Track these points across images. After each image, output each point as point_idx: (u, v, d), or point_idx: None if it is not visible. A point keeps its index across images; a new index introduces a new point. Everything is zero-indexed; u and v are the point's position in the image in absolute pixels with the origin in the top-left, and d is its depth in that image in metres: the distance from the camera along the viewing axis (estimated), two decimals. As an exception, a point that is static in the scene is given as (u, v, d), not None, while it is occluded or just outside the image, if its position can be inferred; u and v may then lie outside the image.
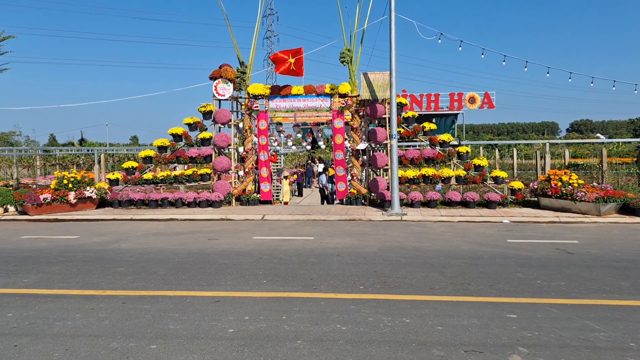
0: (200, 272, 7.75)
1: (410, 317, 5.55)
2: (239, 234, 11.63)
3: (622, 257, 8.65)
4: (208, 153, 16.73)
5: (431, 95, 52.70)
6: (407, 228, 12.34)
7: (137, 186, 17.14)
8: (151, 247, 10.04)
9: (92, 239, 11.14)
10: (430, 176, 16.02)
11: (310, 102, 16.45)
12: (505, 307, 5.89)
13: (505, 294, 6.47)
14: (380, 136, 15.88)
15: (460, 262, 8.34)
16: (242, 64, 16.66)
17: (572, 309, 5.80)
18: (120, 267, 8.21)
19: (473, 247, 9.79)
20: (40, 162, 40.31)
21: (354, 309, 5.85)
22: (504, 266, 8.05)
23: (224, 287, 6.86)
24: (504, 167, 39.70)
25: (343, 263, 8.33)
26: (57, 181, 15.78)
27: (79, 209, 15.81)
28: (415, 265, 8.18)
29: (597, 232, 11.61)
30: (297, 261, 8.54)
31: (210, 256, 9.02)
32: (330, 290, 6.67)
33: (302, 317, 5.57)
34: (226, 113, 16.61)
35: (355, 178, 16.65)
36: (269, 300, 6.23)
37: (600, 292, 6.52)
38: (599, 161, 23.26)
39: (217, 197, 16.00)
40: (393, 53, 14.38)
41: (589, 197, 13.80)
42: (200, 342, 4.88)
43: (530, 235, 11.19)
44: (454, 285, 6.92)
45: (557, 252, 9.24)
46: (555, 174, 15.12)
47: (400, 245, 9.95)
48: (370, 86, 15.97)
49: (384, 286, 6.88)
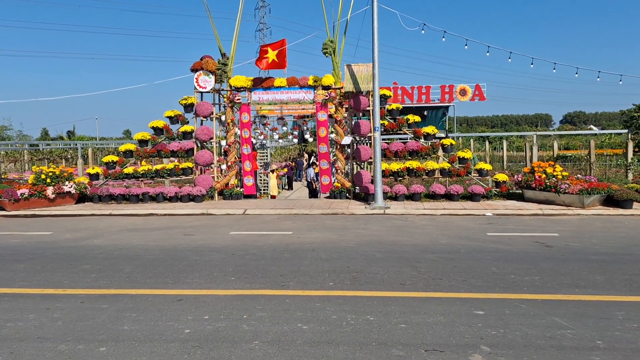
0: (169, 270, 7.56)
1: (375, 315, 5.38)
2: (216, 229, 11.43)
3: (600, 251, 8.53)
4: (190, 147, 16.48)
5: (422, 87, 52.41)
6: (388, 222, 12.18)
7: (118, 180, 16.88)
8: (124, 243, 9.83)
9: (66, 235, 10.90)
10: (414, 169, 15.86)
11: (293, 95, 16.21)
12: (474, 303, 5.73)
13: (476, 289, 6.32)
14: (364, 129, 15.69)
15: (436, 257, 8.19)
16: (223, 55, 16.38)
17: (542, 305, 5.65)
18: (87, 264, 8.00)
19: (452, 240, 9.64)
20: (28, 156, 39.92)
21: (319, 307, 5.68)
22: (479, 260, 7.90)
23: (190, 285, 6.67)
24: (494, 159, 39.69)
25: (317, 259, 8.15)
26: (35, 176, 15.49)
27: (57, 204, 15.54)
28: (390, 260, 8.01)
29: (579, 224, 11.49)
30: (270, 257, 8.35)
31: (183, 252, 8.82)
32: (299, 287, 6.49)
33: (263, 316, 5.39)
34: (208, 106, 16.35)
35: (340, 171, 16.46)
36: (233, 299, 6.05)
37: (573, 286, 6.38)
38: (587, 153, 23.22)
39: (199, 191, 15.77)
40: (376, 44, 14.16)
41: (573, 189, 13.69)
42: (152, 344, 4.69)
43: (511, 228, 11.05)
44: (425, 280, 6.76)
45: (536, 245, 9.10)
46: (540, 166, 15.00)
47: (379, 240, 9.78)
48: (354, 78, 15.75)
49: (354, 282, 6.71)
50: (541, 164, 15.12)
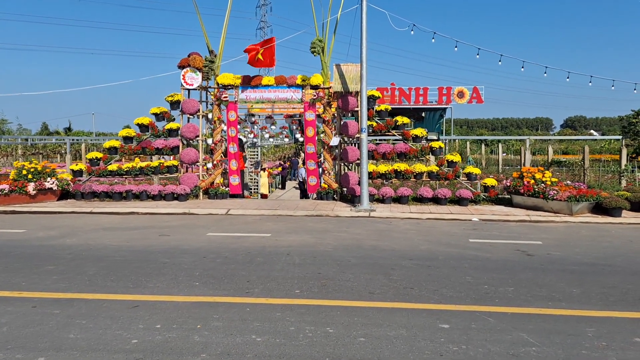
0: (134, 272, 7.32)
1: (335, 327, 5.15)
2: (194, 229, 11.19)
3: (582, 261, 8.30)
4: (175, 144, 16.24)
5: (420, 89, 52.27)
6: (371, 225, 11.94)
7: (102, 177, 16.62)
8: (96, 243, 9.58)
9: (39, 233, 10.66)
10: (402, 171, 15.62)
11: (281, 94, 15.97)
12: (441, 316, 5.50)
13: (446, 300, 6.08)
14: (352, 129, 15.45)
15: (413, 264, 7.95)
16: (211, 52, 16.14)
17: (511, 319, 5.42)
18: (52, 265, 7.76)
19: (432, 246, 9.41)
20: (22, 151, 39.61)
21: (279, 317, 5.44)
22: (456, 269, 7.67)
23: (151, 290, 6.43)
24: (490, 163, 39.45)
25: (289, 263, 7.91)
26: (16, 171, 15.24)
27: (39, 201, 15.29)
28: (364, 266, 7.78)
29: (564, 232, 11.27)
30: (242, 260, 8.12)
31: (153, 254, 8.58)
32: (263, 295, 6.26)
33: (218, 326, 5.15)
34: (194, 103, 16.10)
35: (327, 172, 16.22)
36: (192, 306, 5.81)
37: (547, 299, 6.15)
38: (580, 158, 22.96)
39: (183, 190, 15.53)
40: (364, 44, 13.93)
41: (561, 196, 13.46)
42: (94, 354, 4.46)
43: (495, 234, 10.82)
44: (396, 289, 6.53)
45: (517, 253, 8.88)
46: (528, 171, 14.77)
47: (358, 244, 9.55)
48: (343, 78, 15.52)
49: (321, 290, 6.47)
50: (530, 169, 14.89)
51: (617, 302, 6.07)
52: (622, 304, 5.99)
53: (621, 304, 5.97)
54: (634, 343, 4.79)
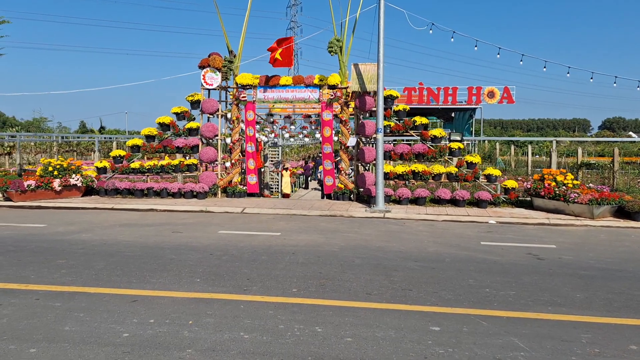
0: (140, 268, 7.48)
1: (324, 326, 5.17)
2: (207, 227, 11.35)
3: (593, 265, 8.08)
4: (195, 143, 16.49)
5: (449, 88, 51.61)
6: (384, 226, 11.89)
7: (125, 175, 17.02)
8: (110, 238, 9.83)
9: (58, 228, 10.99)
10: (420, 172, 15.48)
11: (298, 93, 16.04)
12: (433, 318, 5.45)
13: (443, 302, 6.02)
14: (369, 130, 15.40)
15: (417, 265, 7.89)
16: (230, 52, 16.33)
17: (505, 323, 5.33)
18: (64, 259, 8.00)
19: (441, 248, 9.31)
20: (57, 148, 40.88)
21: (271, 315, 5.49)
22: (460, 271, 7.57)
23: (152, 285, 6.57)
24: (520, 164, 38.69)
25: (293, 262, 7.96)
26: (43, 168, 15.75)
27: (64, 197, 15.76)
28: (367, 266, 7.76)
29: (582, 236, 10.99)
30: (247, 259, 8.20)
31: (163, 250, 8.75)
32: (260, 292, 6.32)
33: (209, 322, 5.23)
34: (214, 103, 16.32)
35: (344, 172, 16.21)
36: (188, 302, 5.92)
37: (548, 304, 6.02)
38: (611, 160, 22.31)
39: (202, 188, 15.76)
40: (381, 43, 13.86)
41: (582, 199, 13.11)
42: (85, 347, 4.59)
43: (509, 237, 10.63)
44: (394, 291, 6.50)
45: (527, 257, 8.70)
46: (550, 173, 14.44)
47: (365, 245, 9.52)
48: (360, 77, 15.48)
49: (318, 290, 6.49)
50: (552, 171, 14.56)
51: (621, 308, 5.90)
52: (625, 310, 5.82)
53: (624, 311, 5.81)
54: (629, 351, 4.66)
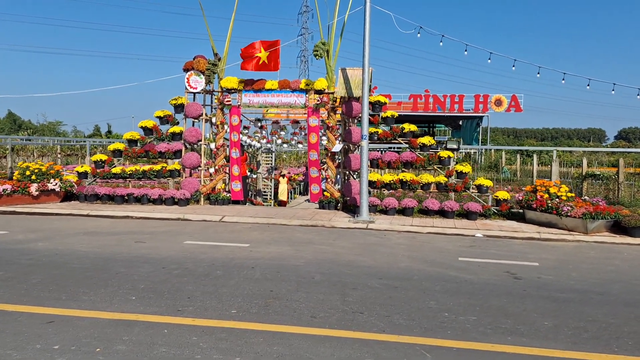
0: (79, 283, 6.97)
1: (246, 356, 4.61)
2: (175, 237, 10.84)
3: (572, 287, 7.43)
4: (178, 148, 16.04)
5: (455, 96, 50.93)
6: (362, 238, 11.29)
7: (106, 180, 16.62)
8: (66, 248, 9.35)
9: (18, 236, 10.55)
10: (408, 181, 14.87)
11: (284, 98, 15.53)
12: (373, 348, 4.87)
13: (391, 329, 5.43)
14: (356, 136, 14.83)
15: (380, 283, 7.30)
16: (215, 55, 15.88)
17: (454, 356, 4.74)
18: (1, 271, 7.52)
19: (413, 264, 8.71)
20: (60, 152, 40.79)
21: (193, 342, 4.95)
22: (424, 291, 6.97)
23: (80, 304, 6.05)
24: (526, 174, 37.83)
25: (247, 278, 7.41)
26: (20, 172, 15.38)
27: (41, 202, 15.37)
28: (325, 284, 7.19)
29: (570, 252, 10.31)
30: (200, 273, 7.67)
31: (115, 262, 8.24)
32: (194, 314, 5.77)
33: (119, 351, 4.70)
34: (197, 107, 15.87)
35: (330, 180, 15.66)
36: (109, 324, 5.38)
37: (508, 333, 5.41)
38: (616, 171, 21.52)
39: (183, 195, 15.29)
40: (367, 47, 13.32)
41: (576, 212, 12.41)
42: (-36, 378, 4.08)
43: (491, 253, 9.98)
44: (343, 313, 5.92)
45: (504, 276, 8.07)
46: (543, 184, 13.75)
47: (334, 259, 8.94)
48: (348, 82, 14.94)
49: (260, 312, 5.93)
50: (545, 182, 13.87)
51: (589, 340, 5.27)
52: (592, 342, 5.19)
53: (592, 343, 5.17)
54: (584, 396, 4.05)
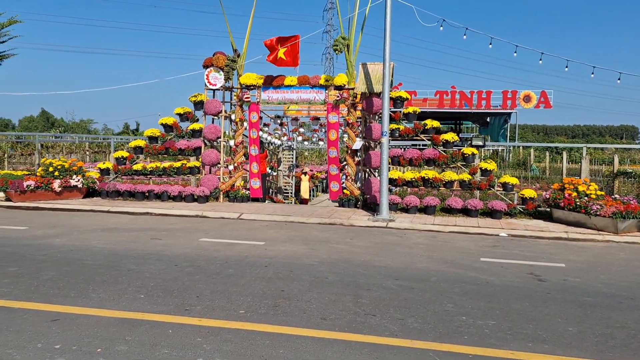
0: (88, 280, 6.91)
1: (250, 359, 4.42)
2: (191, 234, 10.75)
3: (600, 290, 7.04)
4: (197, 145, 16.00)
5: (482, 92, 49.84)
6: (380, 237, 11.02)
7: (128, 176, 16.70)
8: (82, 244, 9.34)
9: (37, 231, 10.61)
10: (430, 179, 14.51)
11: (303, 94, 15.31)
12: (383, 354, 4.63)
13: (404, 333, 5.18)
14: (376, 133, 14.53)
15: (396, 284, 7.04)
16: (235, 51, 15.77)
17: (467, 365, 4.47)
18: (16, 266, 7.52)
19: (432, 264, 8.41)
20: (88, 149, 41.53)
21: (197, 343, 4.79)
22: (442, 293, 6.68)
23: (88, 301, 5.97)
24: (555, 171, 36.87)
25: (258, 277, 7.23)
26: (43, 168, 15.56)
27: (64, 198, 15.53)
28: (338, 285, 6.97)
29: (599, 254, 9.85)
30: (212, 272, 7.53)
31: (127, 259, 8.18)
32: (202, 314, 5.62)
33: (121, 351, 4.57)
34: (217, 104, 15.80)
35: (349, 178, 15.40)
36: (114, 323, 5.27)
37: (530, 339, 5.10)
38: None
39: (202, 192, 15.24)
40: (387, 39, 12.98)
41: (605, 212, 11.89)
42: (-40, 377, 4.00)
43: (514, 253, 9.60)
44: (354, 315, 5.69)
45: (527, 278, 7.71)
46: (571, 182, 13.23)
47: (349, 258, 8.70)
48: (368, 77, 14.66)
49: (268, 312, 5.74)
50: (573, 180, 13.35)
51: (616, 347, 4.92)
52: (620, 350, 4.85)
53: (620, 351, 4.83)
54: (610, 411, 3.73)
